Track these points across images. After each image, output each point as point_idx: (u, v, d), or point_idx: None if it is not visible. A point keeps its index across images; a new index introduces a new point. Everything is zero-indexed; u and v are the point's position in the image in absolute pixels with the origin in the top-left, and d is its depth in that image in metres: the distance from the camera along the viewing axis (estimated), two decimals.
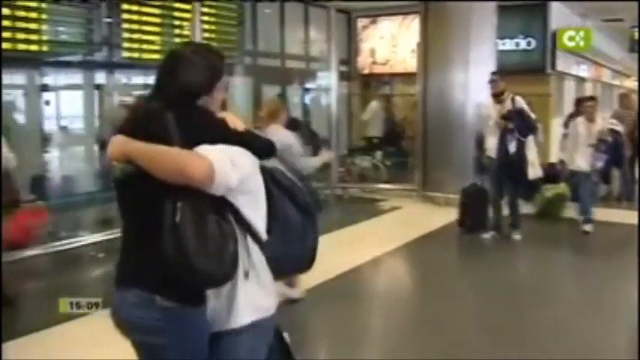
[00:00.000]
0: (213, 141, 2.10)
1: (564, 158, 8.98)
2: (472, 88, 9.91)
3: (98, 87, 10.00)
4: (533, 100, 10.42)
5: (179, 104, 2.12)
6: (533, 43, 13.90)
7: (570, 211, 8.75)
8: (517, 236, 7.78)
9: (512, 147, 7.56)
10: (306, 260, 2.40)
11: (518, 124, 7.53)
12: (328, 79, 11.05)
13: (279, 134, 4.84)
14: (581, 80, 18.15)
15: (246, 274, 2.16)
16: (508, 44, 13.86)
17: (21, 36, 8.45)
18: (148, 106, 2.15)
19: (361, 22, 15.47)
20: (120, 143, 2.11)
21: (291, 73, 13.92)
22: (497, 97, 7.70)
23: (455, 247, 8.05)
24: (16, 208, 5.66)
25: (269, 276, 2.26)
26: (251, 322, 2.21)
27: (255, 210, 2.19)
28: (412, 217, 9.39)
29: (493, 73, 7.96)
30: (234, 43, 11.54)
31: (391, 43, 15.03)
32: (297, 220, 2.32)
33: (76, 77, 10.19)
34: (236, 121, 2.26)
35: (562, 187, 9.02)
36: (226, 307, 2.19)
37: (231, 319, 2.20)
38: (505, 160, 7.55)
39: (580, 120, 8.39)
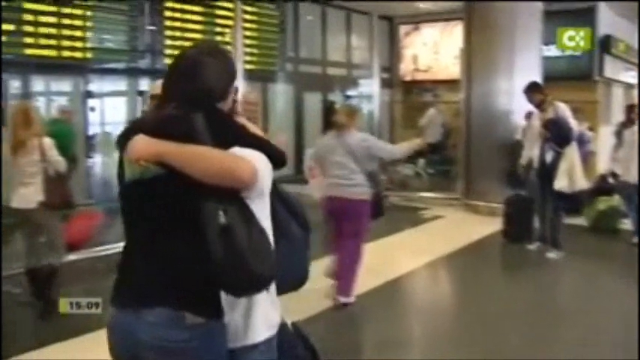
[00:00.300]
0: (239, 144, 2.01)
1: (616, 169, 8.67)
2: (517, 95, 9.69)
3: (141, 93, 10.10)
4: (580, 108, 10.20)
5: (205, 107, 2.02)
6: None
7: (627, 224, 8.42)
8: (552, 254, 7.41)
9: (548, 157, 7.38)
10: (304, 277, 2.33)
11: (553, 134, 7.30)
12: (370, 87, 10.92)
13: (358, 136, 5.46)
14: (629, 87, 17.69)
15: None
16: (554, 50, 13.58)
17: (66, 43, 8.58)
18: (174, 108, 2.01)
19: (404, 29, 15.38)
20: (149, 143, 1.94)
21: (333, 80, 13.90)
22: (539, 106, 7.51)
23: (497, 259, 7.85)
24: (71, 209, 5.73)
25: (275, 290, 2.18)
26: (265, 338, 2.13)
27: (266, 217, 2.10)
28: (455, 227, 9.20)
29: (525, 89, 7.66)
30: (276, 50, 11.55)
31: (433, 50, 14.90)
32: (299, 236, 2.26)
33: (120, 84, 10.33)
34: (253, 127, 2.19)
35: (615, 200, 8.71)
36: (243, 322, 2.10)
37: (248, 335, 2.11)
38: (542, 171, 7.37)
39: (635, 129, 8.11)
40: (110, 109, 10.26)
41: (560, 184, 7.21)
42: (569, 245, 7.50)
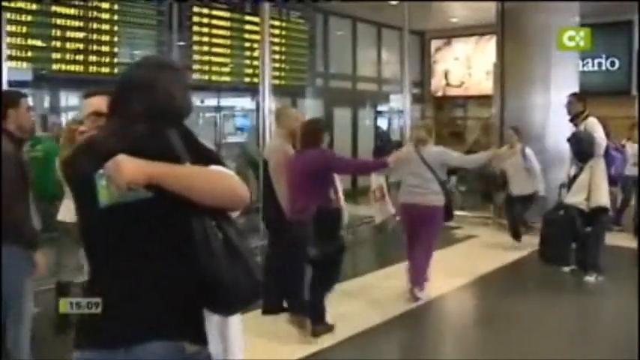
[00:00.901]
0: (212, 162, 1.87)
1: None
2: (552, 110, 9.41)
3: None
4: (617, 124, 9.87)
5: (175, 123, 1.87)
6: (617, 64, 13.26)
7: None
8: (590, 277, 7.06)
9: (572, 172, 7.17)
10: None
11: (574, 147, 7.12)
12: (401, 102, 10.71)
13: (435, 149, 6.22)
14: None
15: None
16: (590, 65, 13.27)
17: (93, 59, 8.55)
18: (144, 124, 1.83)
19: (435, 44, 15.17)
20: (138, 165, 1.72)
21: (363, 96, 13.74)
22: (574, 120, 7.27)
23: (532, 282, 7.51)
24: None
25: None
26: None
27: None
28: (488, 247, 8.90)
29: (570, 95, 7.51)
30: (305, 65, 11.43)
31: (466, 65, 14.66)
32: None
33: None
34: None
35: None
36: (222, 347, 2.05)
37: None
38: (568, 187, 7.16)
39: None
40: None
41: (573, 199, 6.95)
42: (612, 268, 7.17)
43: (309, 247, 4.88)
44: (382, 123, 14.36)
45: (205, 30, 9.68)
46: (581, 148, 6.97)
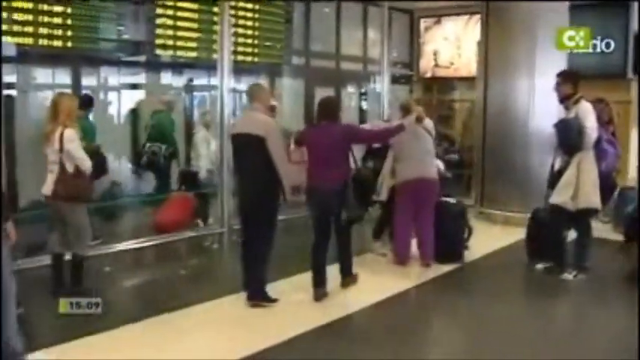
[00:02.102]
0: None
1: None
2: (538, 94, 8.88)
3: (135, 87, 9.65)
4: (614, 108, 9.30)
5: None
6: (613, 45, 12.65)
7: None
8: (568, 275, 6.49)
9: (556, 164, 6.48)
10: None
11: (560, 137, 6.34)
12: (381, 83, 10.15)
13: (431, 124, 6.94)
14: None
15: None
16: None
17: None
18: None
19: (424, 23, 14.55)
20: None
21: (348, 76, 13.19)
22: (564, 100, 6.51)
23: (514, 280, 6.98)
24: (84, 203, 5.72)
25: None
26: None
27: None
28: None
29: (558, 74, 6.71)
30: (282, 42, 10.84)
31: (455, 45, 14.06)
32: None
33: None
34: None
35: None
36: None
37: None
38: (550, 180, 6.53)
39: None
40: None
41: (557, 198, 6.29)
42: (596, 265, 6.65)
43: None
44: (366, 104, 13.80)
45: (170, 3, 9.10)
46: (568, 139, 6.23)
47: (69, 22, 8.10)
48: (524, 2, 9.22)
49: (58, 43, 8.00)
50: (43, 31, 7.83)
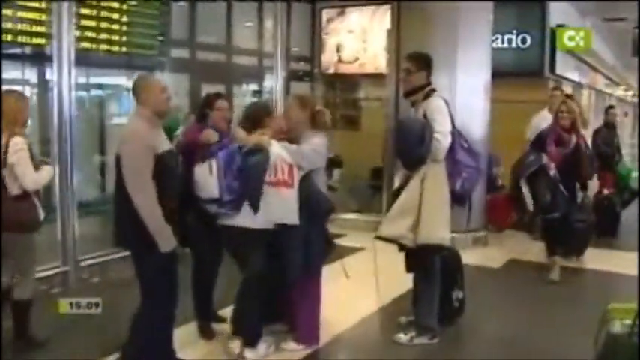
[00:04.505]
0: None
1: None
2: (460, 93, 7.66)
3: None
4: (531, 108, 8.57)
5: None
6: (529, 41, 11.74)
7: None
8: (402, 336, 5.25)
9: (396, 181, 5.40)
10: None
11: (397, 145, 5.08)
12: (273, 80, 8.62)
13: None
14: (578, 86, 16.05)
15: None
16: (500, 42, 11.70)
17: None
18: None
19: (327, 14, 13.16)
20: None
21: (240, 71, 11.66)
22: (409, 96, 5.17)
23: None
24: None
25: None
26: None
27: None
28: (380, 267, 6.75)
29: (409, 58, 5.27)
30: (156, 31, 9.09)
31: (361, 38, 12.75)
32: None
33: None
34: None
35: None
36: None
37: None
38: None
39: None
40: None
41: (391, 228, 4.79)
42: None
43: None
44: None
45: None
46: (409, 146, 4.69)
47: None
48: None
49: None
50: None
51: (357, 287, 5.82)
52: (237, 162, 4.51)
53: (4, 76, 8.60)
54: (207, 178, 4.52)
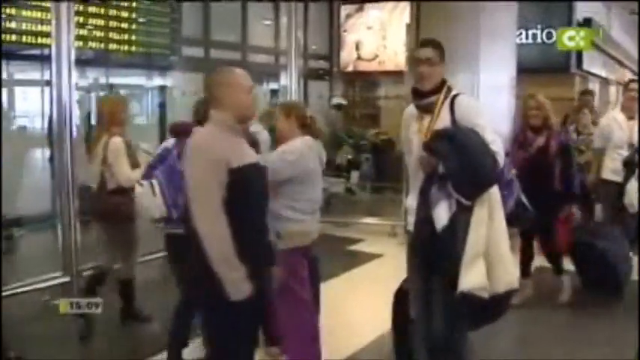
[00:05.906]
0: None
1: None
2: (483, 92, 7.28)
3: None
4: (556, 106, 8.05)
5: None
6: (555, 36, 11.33)
7: None
8: None
9: (441, 213, 3.62)
10: None
11: (448, 163, 3.02)
12: (288, 78, 8.31)
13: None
14: (605, 82, 15.58)
15: None
16: (524, 37, 11.31)
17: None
18: None
19: (345, 10, 12.88)
20: None
21: (256, 70, 11.39)
22: (424, 98, 3.50)
23: None
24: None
25: None
26: None
27: None
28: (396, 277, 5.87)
29: (424, 43, 3.65)
30: (169, 29, 8.87)
31: (380, 35, 12.43)
32: None
33: None
34: None
35: None
36: None
37: None
38: (422, 245, 3.89)
39: None
40: None
41: (470, 280, 3.16)
42: None
43: None
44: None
45: None
46: (480, 169, 3.26)
47: None
48: None
49: None
50: None
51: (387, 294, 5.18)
52: (177, 172, 4.03)
53: (24, 77, 8.52)
54: (152, 200, 4.16)
